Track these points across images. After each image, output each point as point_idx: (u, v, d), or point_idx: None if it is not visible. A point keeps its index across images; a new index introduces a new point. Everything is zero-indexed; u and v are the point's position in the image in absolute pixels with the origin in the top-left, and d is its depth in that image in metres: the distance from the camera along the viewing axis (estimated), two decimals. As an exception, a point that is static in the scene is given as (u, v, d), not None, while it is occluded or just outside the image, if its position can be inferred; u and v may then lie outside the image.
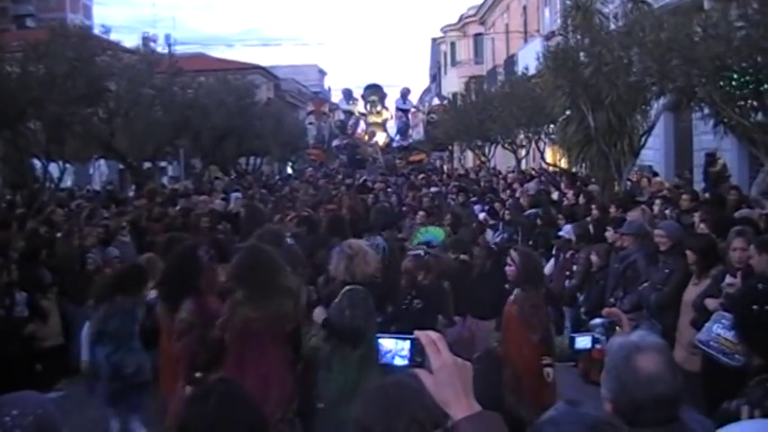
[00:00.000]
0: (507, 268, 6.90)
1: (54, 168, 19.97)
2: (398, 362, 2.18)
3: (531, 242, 13.39)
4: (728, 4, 11.59)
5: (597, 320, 4.10)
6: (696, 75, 11.42)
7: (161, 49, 27.44)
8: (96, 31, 22.59)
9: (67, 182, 25.98)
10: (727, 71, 11.19)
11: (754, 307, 3.49)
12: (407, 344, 2.17)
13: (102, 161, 29.56)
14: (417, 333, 2.18)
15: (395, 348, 2.19)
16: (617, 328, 4.04)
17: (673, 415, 2.80)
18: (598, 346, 4.00)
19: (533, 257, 7.35)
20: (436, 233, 11.67)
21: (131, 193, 22.06)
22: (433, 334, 2.17)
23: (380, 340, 2.22)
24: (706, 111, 12.68)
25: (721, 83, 11.27)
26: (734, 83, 11.16)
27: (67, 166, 22.23)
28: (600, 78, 14.23)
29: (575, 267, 11.01)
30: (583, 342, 4.06)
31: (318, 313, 6.52)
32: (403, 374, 2.63)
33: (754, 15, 10.95)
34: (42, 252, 11.27)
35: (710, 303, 6.72)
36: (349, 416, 2.88)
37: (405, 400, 2.36)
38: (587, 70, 14.62)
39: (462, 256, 10.23)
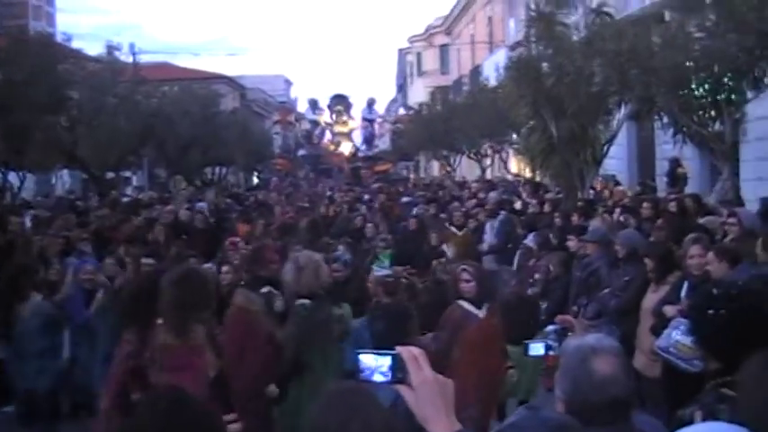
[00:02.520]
0: (465, 284, 6.73)
1: (14, 178, 19.71)
2: (378, 378, 2.12)
3: (496, 249, 13.53)
4: (687, 16, 11.77)
5: (550, 327, 4.15)
6: (655, 84, 11.58)
7: (125, 57, 27.24)
8: (58, 38, 22.37)
9: (27, 192, 25.62)
10: (686, 81, 11.36)
11: (710, 311, 3.52)
12: (388, 359, 2.12)
13: (65, 171, 29.19)
14: (399, 348, 2.13)
15: (375, 364, 2.13)
16: (569, 334, 4.09)
17: (624, 416, 2.83)
18: (551, 353, 4.04)
19: (486, 272, 7.55)
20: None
21: (95, 203, 21.79)
22: (414, 349, 2.14)
23: (360, 356, 2.15)
24: (666, 120, 12.85)
25: (680, 92, 11.44)
26: (693, 93, 11.33)
27: (28, 175, 21.94)
28: (562, 88, 14.38)
29: (536, 276, 11.09)
30: (536, 349, 4.10)
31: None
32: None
33: (711, 27, 11.13)
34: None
35: (669, 310, 6.80)
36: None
37: (359, 405, 2.35)
38: (550, 80, 14.78)
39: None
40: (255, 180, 46.85)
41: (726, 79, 11.14)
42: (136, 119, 24.06)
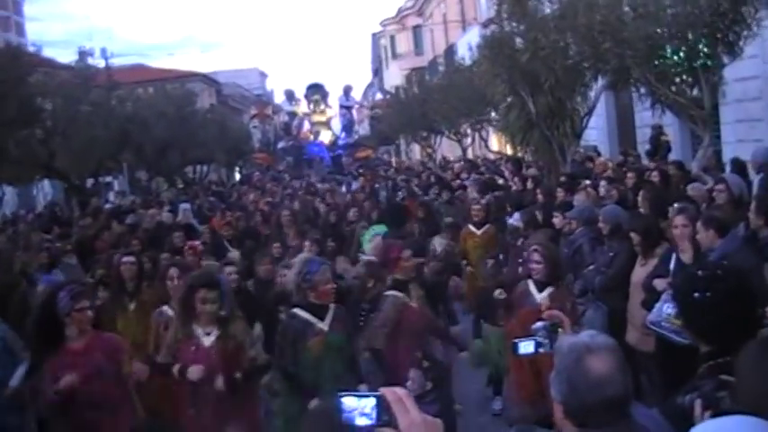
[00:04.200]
0: (535, 265, 6.76)
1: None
2: (362, 421, 2.04)
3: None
4: (657, -17, 11.70)
5: (539, 324, 4.07)
6: (629, 56, 11.52)
7: (98, 62, 27.01)
8: (29, 48, 22.13)
9: (9, 205, 25.45)
10: (660, 50, 11.30)
11: (696, 294, 3.47)
12: (372, 401, 2.04)
13: (45, 181, 28.98)
14: (383, 390, 2.06)
15: (358, 406, 2.05)
16: (559, 329, 4.02)
17: (623, 414, 2.78)
18: (541, 350, 3.98)
19: (557, 251, 7.40)
20: (381, 228, 11.51)
21: (77, 213, 21.61)
22: (399, 390, 2.07)
23: (342, 398, 2.07)
24: (642, 90, 12.80)
25: (655, 62, 11.39)
26: (667, 61, 11.28)
27: (9, 188, 21.75)
28: (537, 63, 14.30)
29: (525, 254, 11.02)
30: (526, 347, 4.03)
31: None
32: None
33: (683, -7, 11.07)
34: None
35: (659, 284, 6.75)
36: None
37: (343, 425, 2.29)
38: (524, 56, 14.67)
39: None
40: (237, 176, 46.63)
41: (701, 45, 11.08)
42: (112, 125, 23.94)
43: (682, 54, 11.11)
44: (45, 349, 5.77)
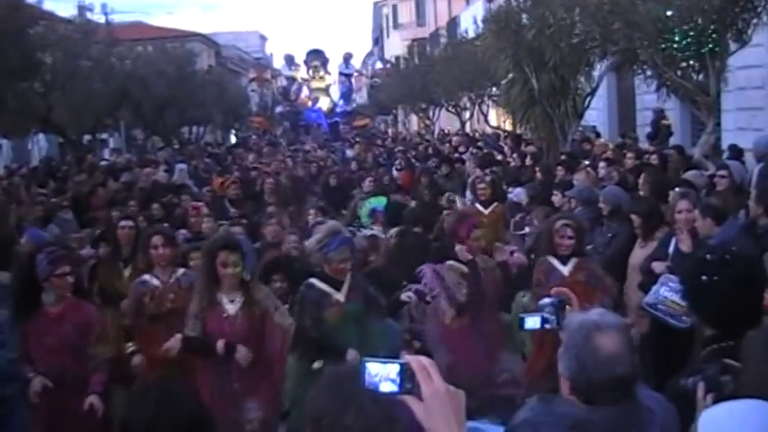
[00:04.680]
0: (567, 241, 6.60)
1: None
2: (386, 387, 2.03)
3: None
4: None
5: (546, 300, 4.08)
6: (638, 37, 11.48)
7: (98, 18, 26.79)
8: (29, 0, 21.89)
9: (4, 158, 25.35)
10: (669, 33, 11.27)
11: (703, 278, 3.48)
12: (396, 368, 2.02)
13: (41, 135, 28.80)
14: (408, 357, 2.06)
15: (382, 372, 2.04)
16: (567, 306, 4.04)
17: (629, 393, 2.81)
18: (548, 326, 4.00)
19: (585, 226, 7.21)
20: (379, 201, 11.41)
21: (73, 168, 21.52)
22: (424, 359, 2.06)
23: (367, 364, 2.06)
24: (648, 73, 12.78)
25: (663, 45, 11.35)
26: (675, 45, 11.24)
27: (4, 141, 21.64)
28: (543, 40, 14.25)
29: (527, 229, 10.94)
30: (532, 322, 4.04)
31: None
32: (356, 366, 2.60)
33: (694, -22, 11.03)
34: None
35: (657, 266, 6.77)
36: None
37: (354, 392, 2.29)
38: (530, 32, 14.62)
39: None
40: (233, 138, 46.50)
41: (709, 31, 11.04)
42: (111, 81, 23.81)
43: (690, 39, 11.07)
44: (23, 312, 5.62)
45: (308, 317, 5.99)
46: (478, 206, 10.69)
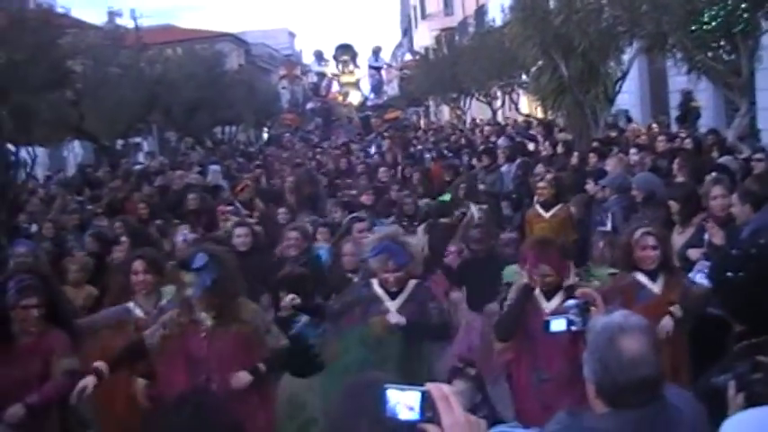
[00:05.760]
0: (650, 252, 5.76)
1: (25, 154, 19.66)
2: (405, 415, 2.01)
3: (514, 195, 13.27)
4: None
5: (571, 302, 4.06)
6: (667, 21, 11.32)
7: (126, 22, 27.04)
8: (57, 9, 22.11)
9: (41, 167, 25.66)
10: (698, 16, 11.10)
11: (729, 274, 3.44)
12: (417, 395, 2.01)
13: (75, 142, 29.15)
14: (429, 385, 2.04)
15: (402, 400, 2.02)
16: (592, 308, 3.99)
17: (655, 394, 2.76)
18: (573, 328, 3.96)
19: (669, 238, 6.37)
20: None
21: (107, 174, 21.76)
22: (445, 387, 2.05)
23: (387, 390, 2.05)
24: (679, 56, 12.60)
25: (692, 28, 11.18)
26: (705, 27, 11.07)
27: (40, 150, 21.90)
28: (571, 26, 14.12)
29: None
30: (558, 324, 4.01)
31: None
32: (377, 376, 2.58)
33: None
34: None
35: (693, 254, 6.70)
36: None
37: (370, 401, 2.28)
38: (557, 19, 14.49)
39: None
40: (265, 136, 46.72)
41: (740, 11, 10.85)
42: (141, 87, 23.97)
43: (720, 19, 10.89)
44: None
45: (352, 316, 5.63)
46: (539, 208, 9.65)
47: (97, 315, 6.08)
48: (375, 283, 5.70)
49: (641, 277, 5.81)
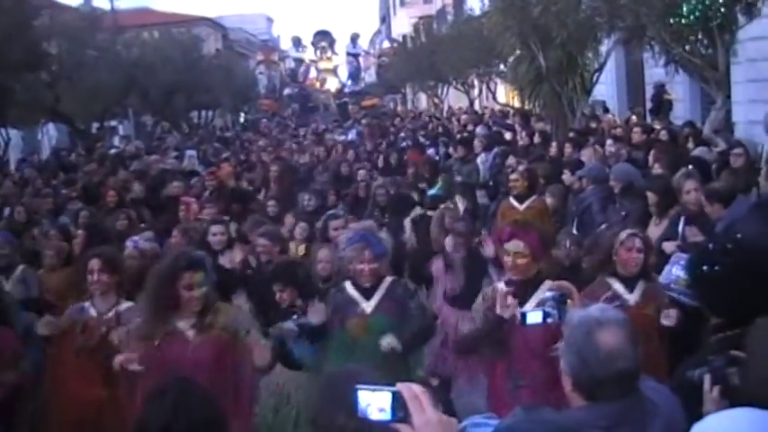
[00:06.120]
0: (635, 255, 5.41)
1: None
2: (377, 415, 2.03)
3: (491, 183, 13.30)
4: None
5: (548, 294, 4.07)
6: (645, 13, 11.38)
7: (103, 4, 26.83)
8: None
9: (15, 149, 25.41)
10: (677, 9, 11.16)
11: (704, 267, 3.48)
12: (388, 396, 2.02)
13: (50, 125, 28.89)
14: (400, 386, 2.05)
15: (373, 400, 2.04)
16: (568, 300, 4.01)
17: (632, 388, 2.79)
18: (549, 320, 3.98)
19: (650, 239, 5.94)
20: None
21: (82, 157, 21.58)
22: (416, 387, 2.06)
23: (359, 391, 2.06)
24: (656, 49, 12.68)
25: (671, 21, 11.24)
26: (683, 20, 11.14)
27: (14, 132, 21.71)
28: (549, 17, 14.14)
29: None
30: (534, 317, 4.02)
31: None
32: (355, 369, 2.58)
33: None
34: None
35: (668, 247, 6.73)
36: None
37: (346, 393, 2.29)
38: (536, 10, 14.51)
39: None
40: (242, 121, 46.56)
41: (717, 6, 10.93)
42: (117, 70, 23.82)
43: (698, 13, 10.95)
44: None
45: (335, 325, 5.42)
46: (512, 201, 9.50)
47: (63, 317, 5.80)
48: (348, 285, 5.53)
49: (617, 286, 5.45)
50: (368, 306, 5.42)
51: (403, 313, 5.43)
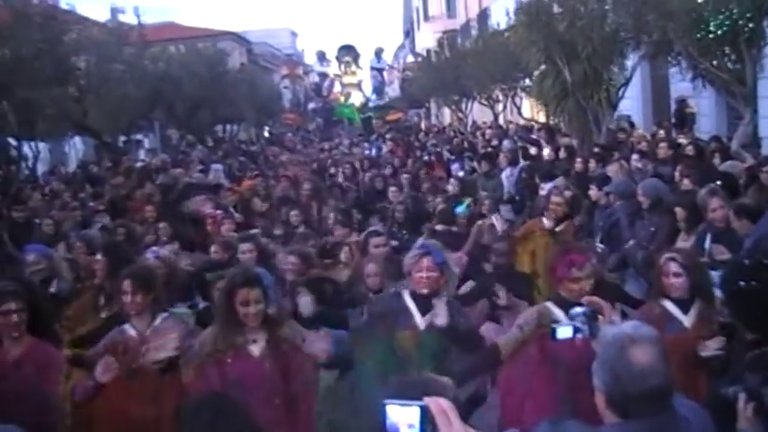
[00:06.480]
0: (673, 280, 5.18)
1: (28, 149, 19.67)
2: (405, 430, 2.05)
3: (517, 198, 13.27)
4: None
5: (578, 309, 4.03)
6: (672, 28, 11.35)
7: (130, 20, 27.07)
8: (62, 5, 22.13)
9: (43, 162, 25.67)
10: (704, 23, 11.12)
11: (741, 283, 3.46)
12: (416, 411, 2.05)
13: (77, 138, 29.19)
14: (427, 400, 2.07)
15: (402, 416, 2.06)
16: (599, 316, 3.99)
17: (665, 405, 2.78)
18: (579, 336, 3.96)
19: (700, 263, 5.70)
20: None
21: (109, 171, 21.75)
22: (443, 402, 2.08)
23: (387, 406, 2.07)
24: (683, 64, 12.63)
25: (698, 35, 11.20)
26: (710, 35, 11.09)
27: (42, 145, 21.92)
28: (574, 32, 14.14)
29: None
30: (564, 332, 4.00)
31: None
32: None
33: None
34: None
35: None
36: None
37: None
38: (561, 24, 14.52)
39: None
40: (266, 134, 46.78)
41: (745, 20, 10.88)
42: (144, 84, 24.03)
43: (725, 28, 10.91)
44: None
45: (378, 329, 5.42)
46: (545, 221, 8.72)
47: (99, 344, 5.55)
48: (406, 294, 5.50)
49: (671, 307, 5.20)
50: (422, 322, 5.39)
51: (454, 334, 5.39)
